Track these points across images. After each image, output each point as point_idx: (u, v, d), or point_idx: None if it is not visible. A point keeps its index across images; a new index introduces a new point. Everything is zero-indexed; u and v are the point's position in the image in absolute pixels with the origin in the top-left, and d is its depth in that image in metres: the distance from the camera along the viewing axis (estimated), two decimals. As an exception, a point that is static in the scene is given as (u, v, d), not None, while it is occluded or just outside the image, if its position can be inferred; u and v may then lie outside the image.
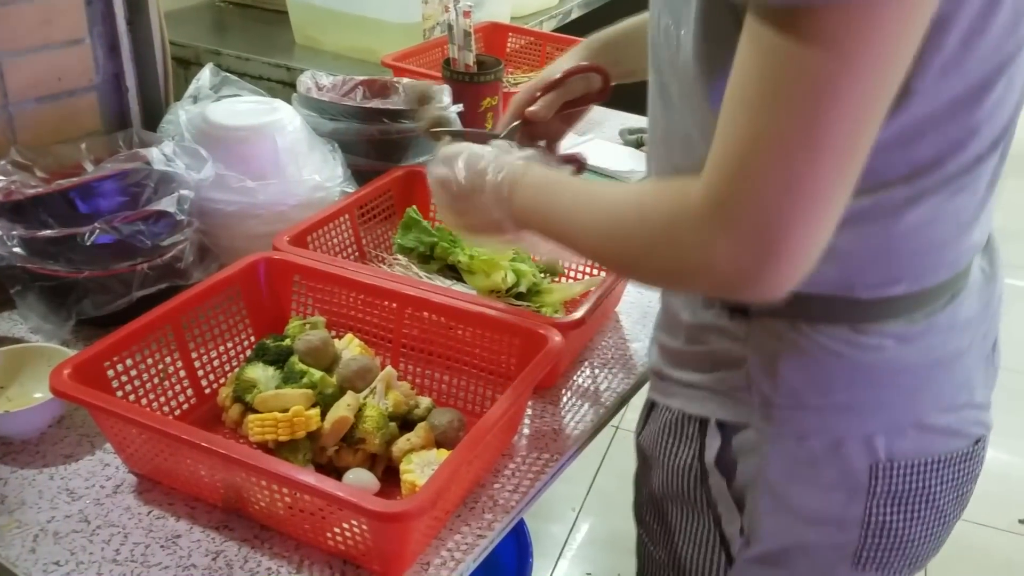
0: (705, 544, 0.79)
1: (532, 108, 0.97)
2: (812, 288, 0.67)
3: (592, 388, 1.01)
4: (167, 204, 1.00)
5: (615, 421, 2.40)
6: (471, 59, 1.43)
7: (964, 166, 0.64)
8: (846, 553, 0.74)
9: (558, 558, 1.95)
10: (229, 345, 0.97)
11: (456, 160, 0.83)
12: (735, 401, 0.73)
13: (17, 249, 0.98)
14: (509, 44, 1.85)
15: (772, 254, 0.55)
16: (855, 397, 0.70)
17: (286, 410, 0.84)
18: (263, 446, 0.84)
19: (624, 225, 0.65)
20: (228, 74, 1.22)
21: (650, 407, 0.83)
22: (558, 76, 0.97)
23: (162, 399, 0.90)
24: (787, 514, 0.74)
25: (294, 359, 0.90)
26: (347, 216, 1.14)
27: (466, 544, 0.80)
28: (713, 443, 0.75)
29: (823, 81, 0.51)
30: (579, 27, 2.11)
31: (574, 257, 0.86)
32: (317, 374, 0.89)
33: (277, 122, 1.14)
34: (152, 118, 1.23)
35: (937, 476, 0.73)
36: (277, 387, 0.88)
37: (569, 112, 1.01)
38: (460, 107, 1.32)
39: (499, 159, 0.79)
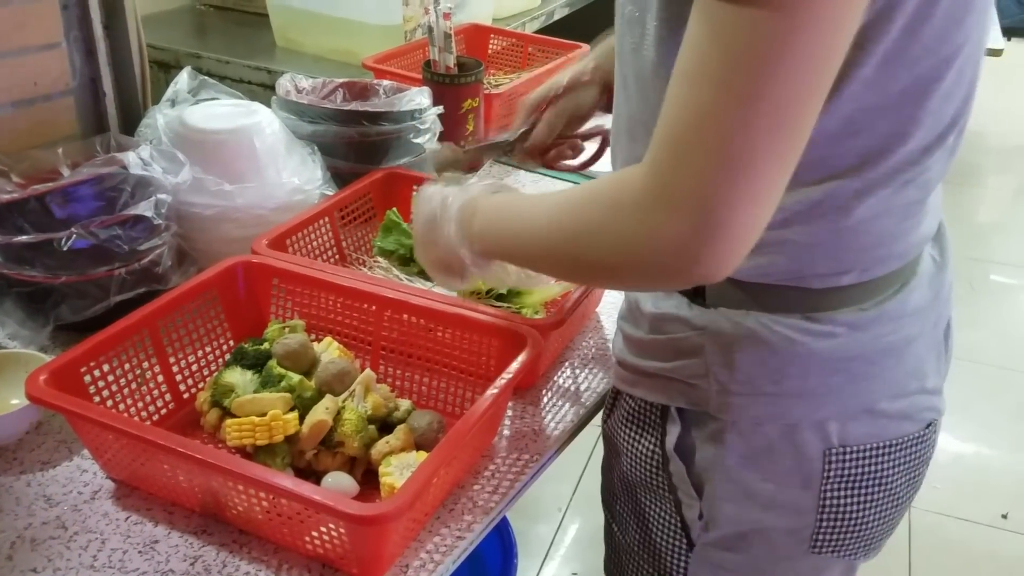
0: (668, 529, 0.81)
1: (533, 133, 0.99)
2: (765, 278, 0.70)
3: (573, 388, 1.02)
4: (144, 208, 1.00)
5: (600, 420, 2.41)
6: (452, 61, 1.44)
7: (911, 158, 0.65)
8: (803, 537, 0.77)
9: (545, 558, 1.95)
10: (207, 349, 0.97)
11: (419, 201, 0.85)
12: (694, 389, 0.75)
13: (-7, 255, 0.98)
14: (491, 46, 1.85)
15: (713, 229, 0.54)
16: (808, 384, 0.72)
17: (264, 414, 0.83)
18: (241, 450, 0.84)
19: (573, 219, 0.64)
20: (206, 77, 1.22)
21: (615, 395, 0.86)
22: (559, 91, 0.98)
23: (140, 404, 0.90)
24: (745, 499, 0.76)
25: (272, 363, 0.90)
26: (327, 219, 1.14)
27: (445, 546, 0.80)
28: (673, 430, 0.77)
29: (763, 56, 0.50)
30: (562, 28, 2.11)
31: (537, 277, 0.85)
32: (295, 378, 0.88)
33: (255, 125, 1.13)
34: (130, 122, 1.23)
35: (889, 459, 0.75)
36: (255, 391, 0.88)
37: (571, 137, 1.01)
38: (440, 109, 1.32)
39: (457, 193, 0.80)
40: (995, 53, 3.01)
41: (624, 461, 0.84)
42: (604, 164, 1.11)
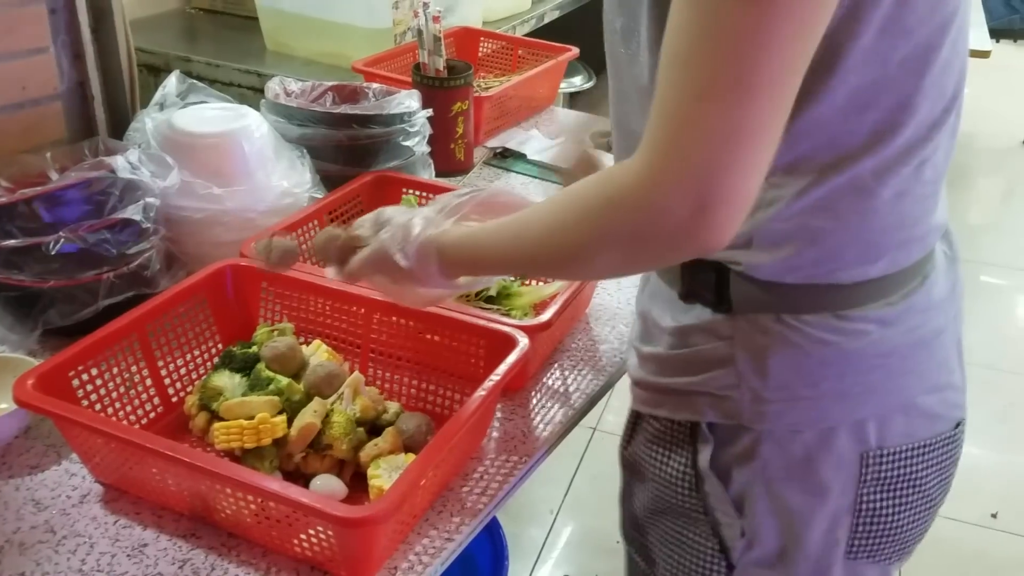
0: (703, 554, 0.78)
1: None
2: (793, 275, 0.69)
3: (562, 390, 1.02)
4: (132, 212, 1.00)
5: (592, 423, 2.42)
6: (441, 64, 1.44)
7: (920, 132, 0.66)
8: (840, 545, 0.75)
9: (536, 560, 1.95)
10: (196, 353, 0.97)
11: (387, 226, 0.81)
12: (725, 401, 0.73)
13: (-19, 259, 0.98)
14: (481, 48, 1.85)
15: (714, 202, 0.56)
16: (844, 384, 0.71)
17: (252, 417, 0.83)
18: (229, 454, 0.84)
19: (563, 216, 0.65)
20: (195, 81, 1.22)
21: (635, 420, 0.82)
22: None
23: (128, 408, 0.90)
24: (785, 512, 0.74)
25: (261, 366, 0.90)
26: (316, 222, 1.14)
27: (434, 548, 0.80)
28: (706, 447, 0.74)
29: (746, 35, 0.53)
30: (552, 31, 2.12)
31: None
32: (284, 381, 0.88)
33: (244, 128, 1.13)
34: (119, 126, 1.22)
35: (923, 460, 0.74)
36: (244, 394, 0.88)
37: None
38: (430, 112, 1.33)
39: (423, 215, 0.79)
40: (983, 55, 3.02)
41: (651, 487, 0.80)
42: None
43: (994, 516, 2.06)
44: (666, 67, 0.57)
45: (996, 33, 4.26)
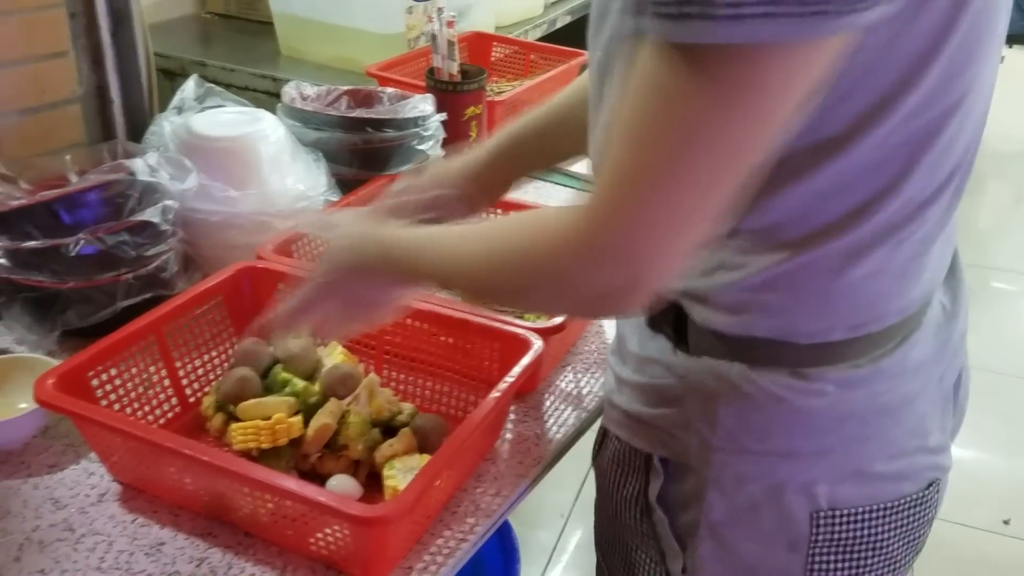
0: (652, 574, 0.78)
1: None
2: (750, 332, 0.66)
3: (574, 392, 1.02)
4: (151, 215, 1.01)
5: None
6: (455, 68, 1.45)
7: (904, 214, 0.61)
8: None
9: (547, 564, 1.96)
10: (213, 354, 0.98)
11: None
12: (675, 440, 0.71)
13: (1, 260, 0.99)
14: (494, 53, 1.86)
15: (640, 280, 0.55)
16: (795, 444, 0.67)
17: (268, 418, 0.84)
18: (246, 454, 0.85)
19: (508, 257, 0.63)
20: (212, 85, 1.23)
21: (603, 434, 0.82)
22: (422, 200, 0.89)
23: (146, 408, 0.91)
24: (729, 559, 0.71)
25: (277, 369, 0.91)
26: (331, 225, 1.15)
27: (448, 548, 0.81)
28: (656, 480, 0.73)
29: (698, 125, 0.51)
30: (565, 36, 2.12)
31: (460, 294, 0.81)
32: (300, 384, 0.89)
33: (260, 132, 1.14)
34: (137, 129, 1.24)
35: (884, 523, 0.70)
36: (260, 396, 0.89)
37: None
38: (443, 116, 1.34)
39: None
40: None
41: (610, 504, 0.81)
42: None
43: (1006, 523, 2.05)
44: (618, 135, 0.54)
45: (1011, 39, 4.25)
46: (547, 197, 1.45)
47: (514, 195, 0.97)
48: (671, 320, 0.70)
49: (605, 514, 0.84)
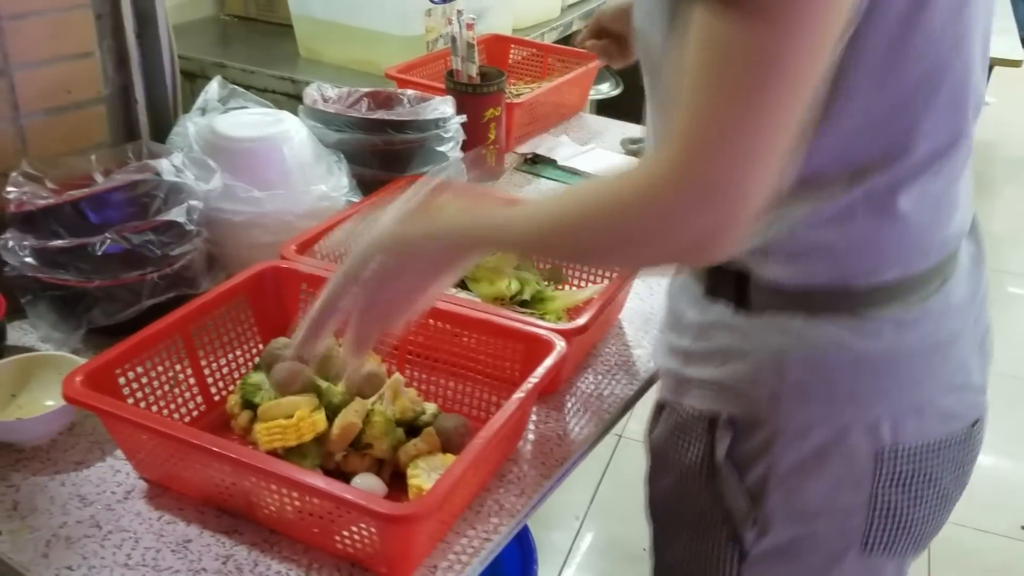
0: (717, 541, 0.81)
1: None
2: (808, 282, 0.71)
3: (595, 394, 1.03)
4: (176, 214, 1.02)
5: (618, 429, 2.42)
6: (474, 71, 1.45)
7: (936, 150, 0.68)
8: (854, 539, 0.77)
9: (562, 566, 1.96)
10: (238, 353, 0.99)
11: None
12: (743, 396, 0.75)
13: (28, 259, 1.00)
14: (511, 56, 1.87)
15: (727, 217, 0.58)
16: (859, 385, 0.73)
17: (291, 416, 0.85)
18: (272, 453, 0.85)
19: (588, 213, 0.65)
20: (235, 86, 1.24)
21: (660, 407, 0.85)
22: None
23: (172, 406, 0.91)
24: (798, 506, 0.76)
25: (302, 367, 0.91)
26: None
27: (472, 548, 0.81)
28: (723, 439, 0.77)
29: (757, 62, 0.56)
30: (580, 39, 2.13)
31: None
32: (324, 385, 0.90)
33: (283, 133, 1.15)
34: (161, 130, 1.25)
35: (938, 458, 0.76)
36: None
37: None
38: (463, 118, 1.34)
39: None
40: (1013, 64, 3.01)
41: (671, 473, 0.83)
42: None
43: (1024, 528, 2.05)
44: (688, 87, 0.59)
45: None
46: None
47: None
48: (732, 284, 0.74)
49: (661, 487, 0.87)
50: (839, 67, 0.61)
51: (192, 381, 0.93)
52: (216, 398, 0.95)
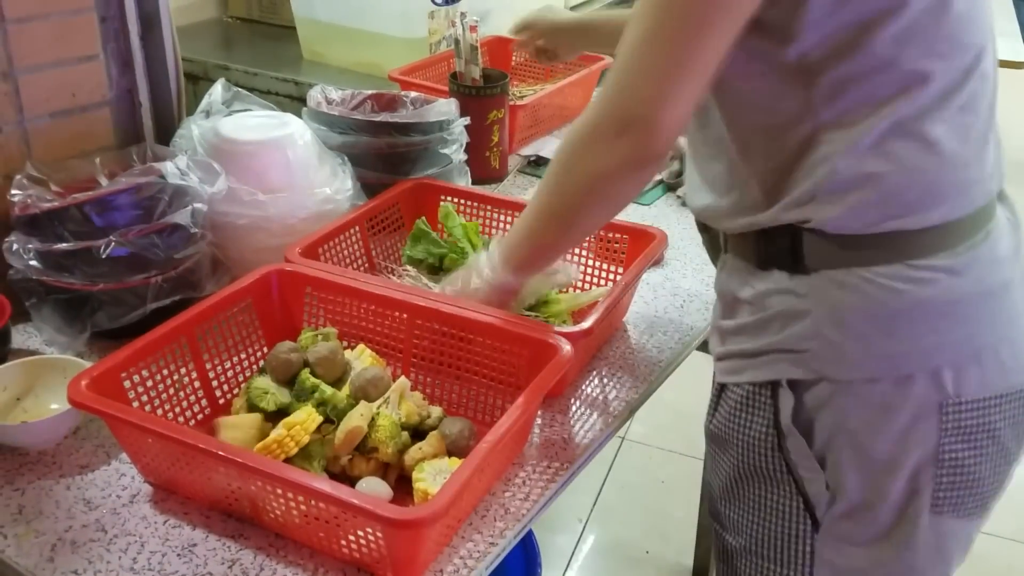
0: (789, 514, 0.82)
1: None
2: (861, 226, 0.74)
3: (601, 397, 1.02)
4: (181, 217, 1.02)
5: (621, 432, 2.41)
6: (477, 73, 1.45)
7: (953, 79, 0.73)
8: (924, 496, 0.78)
9: (565, 569, 1.95)
10: (242, 356, 0.98)
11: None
12: (805, 355, 0.77)
13: (33, 262, 1.00)
14: (514, 58, 1.86)
15: (646, 125, 0.73)
16: (917, 331, 0.75)
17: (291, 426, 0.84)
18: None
19: (552, 174, 0.84)
20: (239, 89, 1.24)
21: (719, 392, 0.87)
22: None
23: (177, 409, 0.91)
24: (868, 464, 0.77)
25: (304, 374, 0.91)
26: (357, 228, 1.15)
27: (478, 552, 0.81)
28: (787, 405, 0.78)
29: (672, 5, 0.71)
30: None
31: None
32: (328, 390, 0.89)
33: (288, 136, 1.15)
34: (165, 133, 1.25)
35: (999, 412, 0.77)
36: (288, 404, 0.89)
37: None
38: (467, 120, 1.34)
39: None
40: (1017, 66, 2.99)
41: (734, 454, 0.85)
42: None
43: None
44: (629, 21, 0.73)
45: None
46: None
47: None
48: (787, 247, 0.78)
49: (724, 474, 0.87)
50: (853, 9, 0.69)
51: (197, 384, 0.93)
52: (221, 401, 0.95)
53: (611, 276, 1.15)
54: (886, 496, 0.78)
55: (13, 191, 1.03)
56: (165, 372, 0.90)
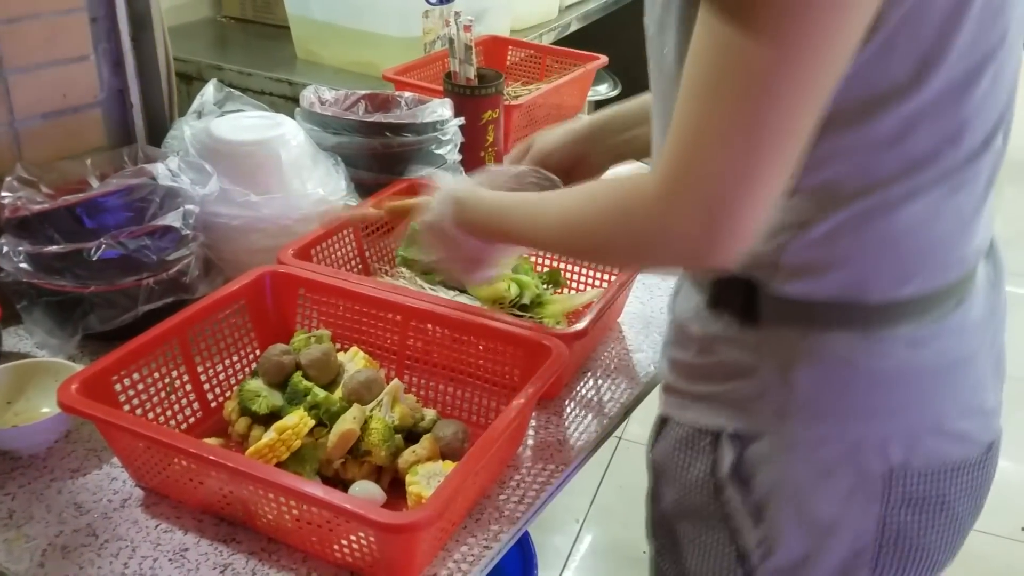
0: (721, 559, 0.78)
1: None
2: (822, 294, 0.69)
3: (596, 399, 1.02)
4: (172, 219, 1.01)
5: (618, 432, 2.41)
6: (472, 72, 1.45)
7: (958, 162, 0.66)
8: (864, 561, 0.74)
9: (562, 570, 1.95)
10: (235, 359, 0.98)
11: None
12: (748, 411, 0.73)
13: (23, 264, 0.99)
14: (509, 57, 1.86)
15: (718, 230, 0.59)
16: (869, 403, 0.71)
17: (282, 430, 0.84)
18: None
19: (580, 214, 0.70)
20: (232, 89, 1.23)
21: (662, 422, 0.83)
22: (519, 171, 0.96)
23: (168, 413, 0.91)
24: (806, 523, 0.73)
25: (297, 377, 0.91)
26: (351, 229, 1.15)
27: (472, 555, 0.80)
28: (727, 455, 0.75)
29: (761, 72, 0.55)
30: (578, 40, 2.12)
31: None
32: (321, 393, 0.89)
33: (281, 137, 1.14)
34: (156, 133, 1.24)
35: (951, 482, 0.73)
36: (281, 407, 0.89)
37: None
38: (461, 120, 1.33)
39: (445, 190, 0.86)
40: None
41: (673, 490, 0.81)
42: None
43: (1024, 530, 2.04)
44: (685, 93, 0.59)
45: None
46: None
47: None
48: (740, 296, 0.72)
49: (663, 504, 0.84)
50: (867, 84, 0.61)
51: (189, 388, 0.93)
52: (213, 404, 0.95)
53: (606, 277, 1.15)
54: (824, 559, 0.74)
55: (3, 193, 1.02)
56: (157, 375, 0.90)
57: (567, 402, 1.01)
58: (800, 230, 0.67)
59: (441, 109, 1.29)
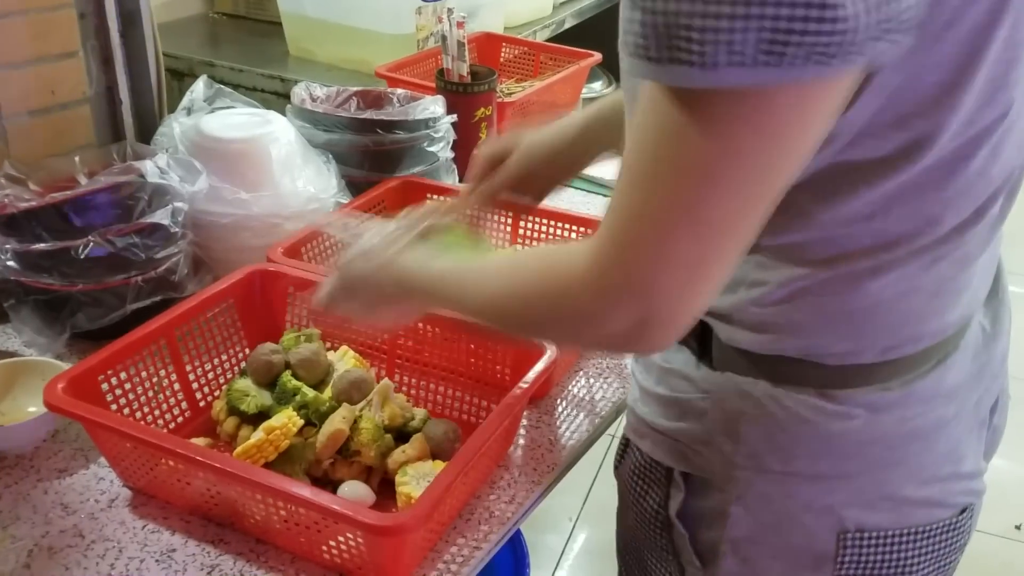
0: None
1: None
2: (776, 350, 0.64)
3: (587, 398, 1.01)
4: (161, 217, 1.00)
5: (611, 430, 2.40)
6: (465, 69, 1.44)
7: (939, 239, 0.60)
8: None
9: (555, 569, 1.95)
10: (224, 358, 0.97)
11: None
12: (697, 455, 0.69)
13: (11, 263, 0.98)
14: (503, 54, 1.85)
15: (651, 323, 0.53)
16: (819, 467, 0.65)
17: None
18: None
19: (514, 296, 0.62)
20: (222, 86, 1.22)
21: (624, 444, 0.80)
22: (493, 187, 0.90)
23: (156, 412, 0.90)
24: (754, 574, 0.70)
25: (286, 376, 0.90)
26: (341, 227, 1.14)
27: (462, 556, 0.79)
28: (677, 495, 0.71)
29: (703, 163, 0.49)
30: (572, 37, 2.11)
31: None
32: (310, 393, 0.88)
33: (271, 134, 1.14)
34: (146, 130, 1.23)
35: (914, 548, 0.67)
36: (269, 407, 0.88)
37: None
38: (454, 118, 1.33)
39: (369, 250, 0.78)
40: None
41: (632, 515, 0.78)
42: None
43: (1018, 528, 2.04)
44: (623, 176, 0.53)
45: None
46: (569, 201, 1.44)
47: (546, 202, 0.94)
48: (696, 334, 0.68)
49: (626, 524, 0.82)
50: (840, 167, 0.56)
51: (177, 387, 0.92)
52: (201, 404, 0.94)
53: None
54: None
55: (-9, 190, 1.01)
56: (145, 374, 0.89)
57: (558, 401, 1.00)
58: (756, 288, 0.63)
59: (433, 106, 1.29)
